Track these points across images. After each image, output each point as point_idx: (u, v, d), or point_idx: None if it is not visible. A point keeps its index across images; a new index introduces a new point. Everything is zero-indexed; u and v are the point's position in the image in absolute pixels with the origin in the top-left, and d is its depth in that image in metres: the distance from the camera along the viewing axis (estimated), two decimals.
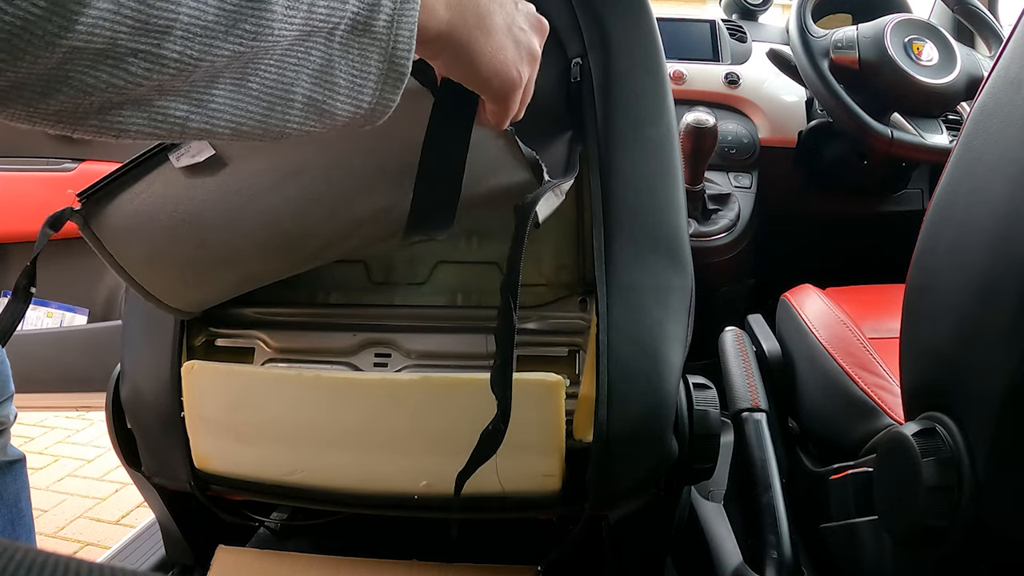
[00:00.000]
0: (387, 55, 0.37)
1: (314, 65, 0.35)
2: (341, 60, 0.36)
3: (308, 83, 0.35)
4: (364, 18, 0.35)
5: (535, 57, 0.48)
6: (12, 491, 0.93)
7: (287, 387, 0.68)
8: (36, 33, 0.25)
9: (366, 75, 0.37)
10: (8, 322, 0.66)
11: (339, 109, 0.37)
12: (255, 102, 0.34)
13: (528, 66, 0.47)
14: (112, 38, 0.27)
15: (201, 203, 0.61)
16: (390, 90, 0.38)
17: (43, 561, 0.18)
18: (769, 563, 0.70)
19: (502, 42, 0.44)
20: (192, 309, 0.71)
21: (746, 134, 1.38)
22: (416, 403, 0.66)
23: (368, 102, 0.38)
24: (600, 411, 0.63)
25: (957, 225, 0.55)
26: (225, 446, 0.71)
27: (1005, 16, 1.52)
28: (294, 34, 0.33)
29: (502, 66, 0.45)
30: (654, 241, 0.67)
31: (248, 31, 0.31)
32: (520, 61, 0.46)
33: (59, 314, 1.32)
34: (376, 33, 0.36)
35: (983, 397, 0.50)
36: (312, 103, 0.36)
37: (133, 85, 0.29)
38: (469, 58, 0.43)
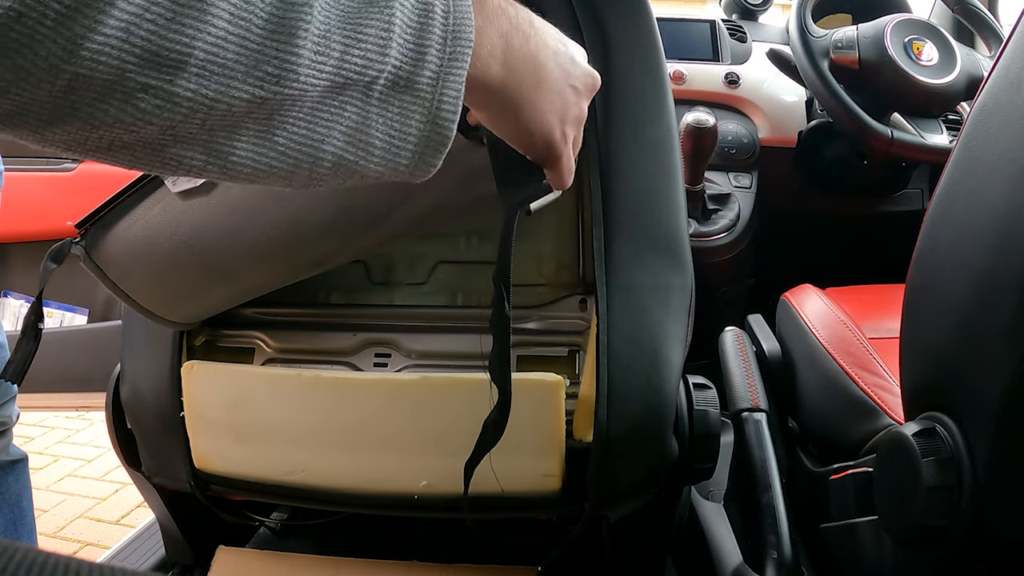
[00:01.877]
0: (430, 116, 0.34)
1: (348, 122, 0.32)
2: (379, 118, 0.33)
3: (340, 141, 0.32)
4: (407, 73, 0.32)
5: (582, 120, 0.44)
6: (14, 491, 0.93)
7: (287, 387, 0.68)
8: (40, 54, 0.24)
9: (405, 136, 0.34)
10: (21, 362, 0.66)
11: (371, 170, 0.34)
12: (280, 158, 0.31)
13: (574, 127, 0.44)
14: (120, 68, 0.25)
15: (200, 224, 0.61)
16: (431, 154, 0.35)
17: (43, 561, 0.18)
18: (769, 563, 0.70)
19: (552, 101, 0.41)
20: (192, 321, 0.71)
21: (746, 134, 1.38)
22: (416, 403, 0.66)
23: (406, 166, 0.35)
24: (600, 411, 0.63)
25: (957, 225, 0.55)
26: (225, 446, 0.71)
27: (1005, 16, 1.52)
28: (324, 84, 0.30)
29: (548, 128, 0.41)
30: (654, 241, 0.67)
31: (270, 74, 0.28)
32: (566, 122, 0.43)
33: (59, 314, 1.32)
34: (419, 91, 0.33)
35: (983, 397, 0.50)
36: (342, 163, 0.33)
37: (143, 123, 0.27)
38: (516, 115, 0.40)
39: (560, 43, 0.42)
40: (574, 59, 0.42)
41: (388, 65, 0.31)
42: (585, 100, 0.44)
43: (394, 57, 0.32)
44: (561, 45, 0.42)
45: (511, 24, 0.37)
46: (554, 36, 0.42)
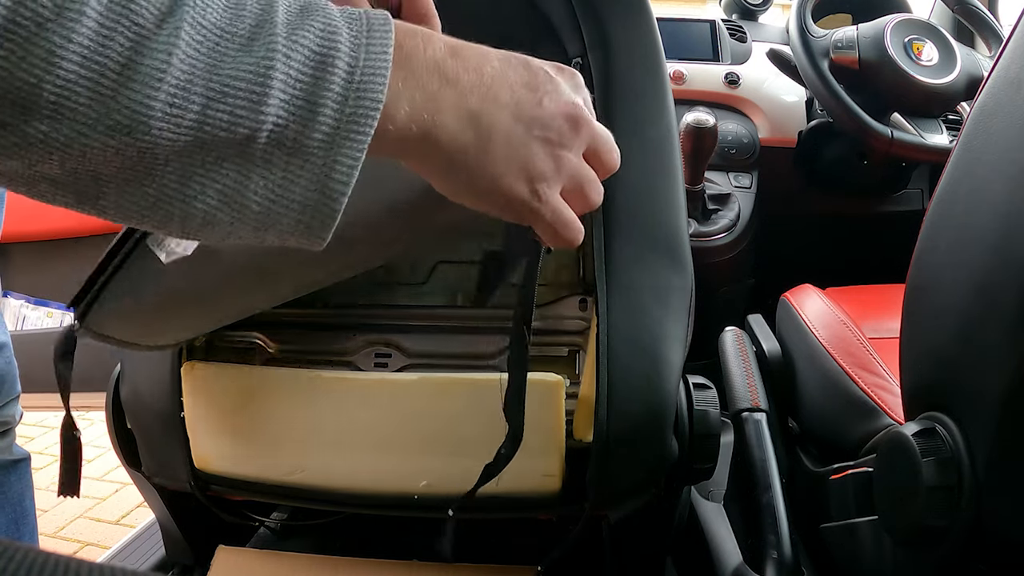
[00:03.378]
0: (319, 183, 0.30)
1: (225, 180, 0.29)
2: (260, 180, 0.29)
3: (214, 200, 0.29)
4: (293, 133, 0.29)
5: (564, 170, 0.36)
6: (16, 490, 0.93)
7: (287, 387, 0.68)
8: None
9: (288, 203, 0.30)
10: (69, 473, 0.67)
11: (250, 235, 0.31)
12: (149, 209, 0.29)
13: (552, 181, 0.36)
14: None
15: (193, 275, 0.59)
16: (318, 226, 0.31)
17: (43, 561, 0.18)
18: (769, 563, 0.70)
19: (508, 160, 0.34)
20: (187, 339, 0.71)
21: (746, 134, 1.38)
22: (416, 403, 0.66)
23: (289, 233, 0.31)
24: (600, 411, 0.63)
25: (957, 225, 0.55)
26: (225, 446, 0.71)
27: (1005, 16, 1.52)
28: (186, 139, 0.27)
29: (505, 189, 0.35)
30: (654, 241, 0.67)
31: (122, 124, 0.26)
32: (535, 179, 0.35)
33: (59, 314, 1.32)
34: (308, 154, 0.29)
35: (983, 397, 0.50)
36: (215, 222, 0.30)
37: (4, 156, 0.26)
38: (460, 177, 0.34)
39: (524, 88, 0.35)
40: (541, 103, 0.35)
41: (266, 122, 0.28)
42: (569, 144, 0.36)
43: (273, 114, 0.28)
44: (525, 90, 0.35)
45: (445, 79, 0.32)
46: (513, 83, 0.35)
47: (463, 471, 0.66)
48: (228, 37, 0.28)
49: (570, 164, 0.37)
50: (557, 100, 0.36)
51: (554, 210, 0.37)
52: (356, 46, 0.30)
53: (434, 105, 0.32)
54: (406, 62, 0.31)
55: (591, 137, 0.38)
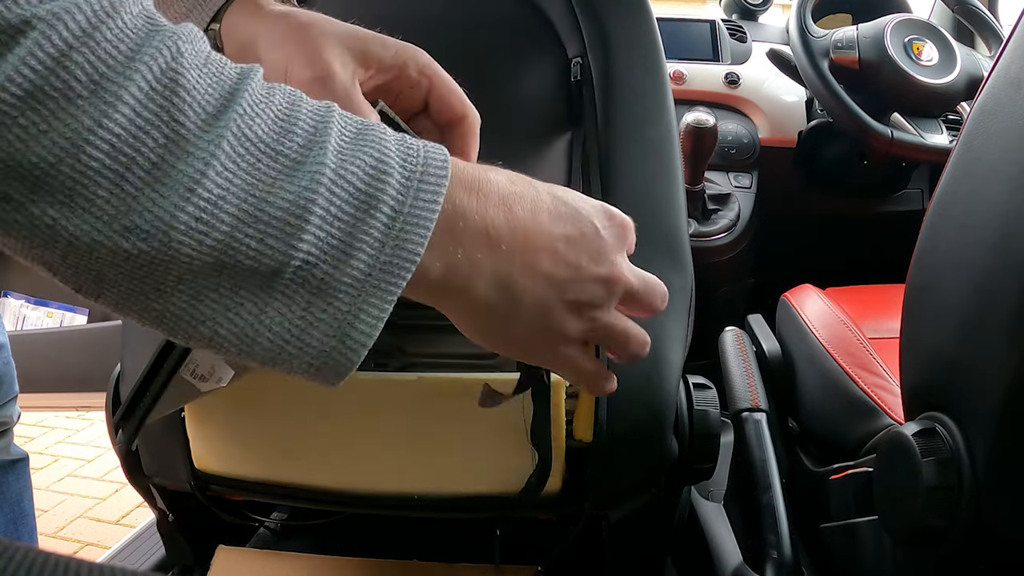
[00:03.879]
0: (339, 332, 0.27)
1: (241, 311, 0.26)
2: (277, 315, 0.27)
3: (224, 328, 0.27)
4: (323, 273, 0.26)
5: (597, 332, 0.36)
6: (15, 490, 0.93)
7: (287, 387, 0.68)
8: None
9: (303, 346, 0.27)
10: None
11: (256, 366, 0.28)
12: (154, 320, 0.27)
13: (577, 340, 0.35)
14: None
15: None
16: (330, 374, 0.29)
17: (43, 561, 0.18)
18: (769, 563, 0.70)
19: (530, 332, 0.34)
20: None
21: (746, 134, 1.38)
22: (416, 403, 0.66)
23: (300, 373, 0.29)
24: (600, 411, 0.63)
25: (957, 225, 0.55)
26: (225, 446, 0.71)
27: (1005, 16, 1.52)
28: (207, 259, 0.25)
29: (529, 354, 0.35)
30: (654, 241, 0.67)
31: (140, 228, 0.24)
32: (558, 343, 0.35)
33: (59, 314, 1.32)
34: (334, 297, 0.27)
35: (983, 397, 0.50)
36: (221, 348, 0.27)
37: (3, 232, 0.24)
38: (483, 331, 0.34)
39: (566, 244, 0.33)
40: (580, 266, 0.34)
41: (296, 257, 0.26)
42: (601, 304, 0.35)
43: (305, 250, 0.26)
44: (566, 247, 0.33)
45: (489, 244, 0.31)
46: (556, 241, 0.33)
47: (463, 471, 0.66)
48: (272, 156, 0.25)
49: (601, 322, 0.36)
50: (598, 261, 0.35)
51: (577, 367, 0.37)
52: (406, 189, 0.27)
53: (471, 269, 0.31)
54: (454, 219, 0.30)
55: (627, 292, 0.36)
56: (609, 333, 0.37)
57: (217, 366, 0.59)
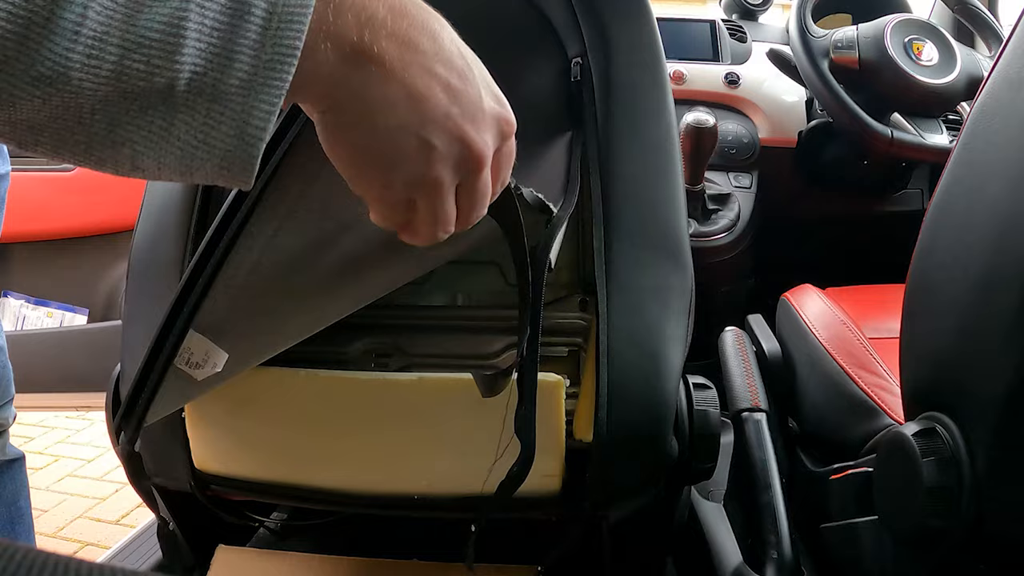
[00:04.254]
0: (238, 130, 0.30)
1: (151, 127, 0.30)
2: (183, 126, 0.30)
3: (140, 146, 0.30)
4: (212, 80, 0.29)
5: (425, 186, 0.37)
6: (11, 490, 0.93)
7: (286, 387, 0.68)
8: None
9: (209, 148, 0.31)
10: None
11: (174, 178, 0.32)
12: (83, 155, 0.30)
13: (406, 189, 0.36)
14: None
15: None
16: (239, 171, 0.31)
17: (43, 561, 0.18)
18: (769, 563, 0.70)
19: (385, 144, 0.35)
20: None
21: (746, 134, 1.38)
22: (416, 403, 0.66)
23: (212, 178, 0.32)
24: (600, 411, 0.63)
25: (957, 225, 0.55)
26: (225, 446, 0.71)
27: (1005, 16, 1.52)
28: (107, 88, 0.28)
29: (367, 169, 0.36)
30: (654, 241, 0.67)
31: (45, 76, 0.27)
32: (397, 177, 0.36)
33: (59, 314, 1.32)
34: (227, 100, 0.30)
35: (983, 397, 0.50)
36: (141, 167, 0.31)
37: None
38: (332, 141, 0.35)
39: (444, 85, 0.35)
40: (448, 115, 0.35)
41: (183, 71, 0.29)
42: (442, 167, 0.36)
43: (189, 63, 0.29)
44: (440, 89, 0.35)
45: (361, 43, 0.32)
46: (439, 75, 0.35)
47: (463, 471, 0.66)
48: None
49: (432, 182, 0.37)
50: (473, 124, 0.36)
51: (390, 210, 0.38)
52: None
53: (346, 70, 0.32)
54: (331, 15, 0.31)
55: (473, 178, 0.38)
56: (432, 199, 0.37)
57: (211, 352, 0.59)
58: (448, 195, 0.38)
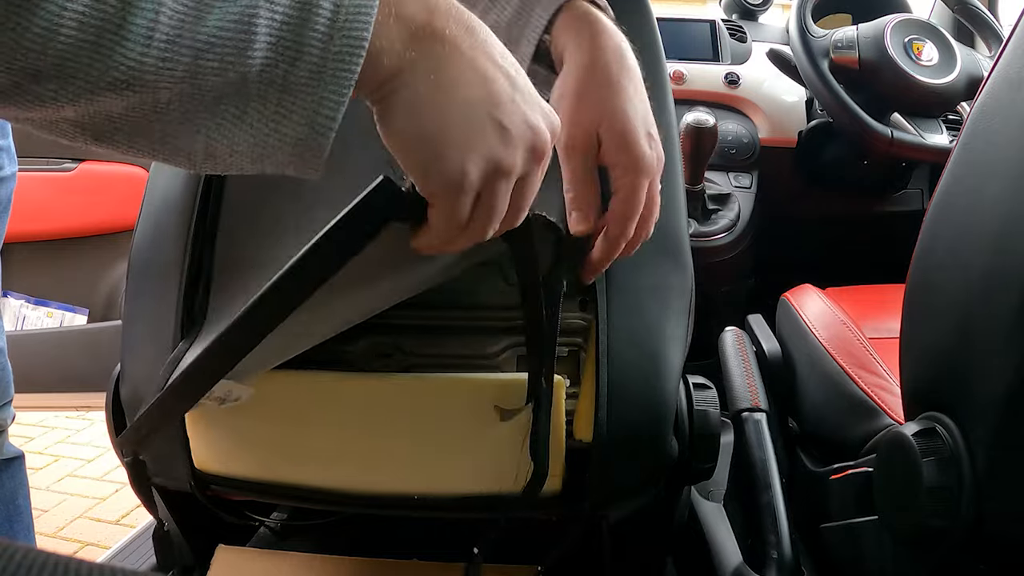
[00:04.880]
0: (308, 119, 0.31)
1: (224, 116, 0.31)
2: (256, 115, 0.31)
3: (215, 135, 0.31)
4: (283, 71, 0.30)
5: (503, 171, 0.36)
6: (9, 488, 0.93)
7: (287, 387, 0.68)
8: None
9: (282, 138, 0.32)
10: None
11: (246, 168, 0.33)
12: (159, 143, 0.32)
13: (489, 174, 0.36)
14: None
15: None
16: (310, 158, 0.32)
17: (43, 561, 0.18)
18: (769, 563, 0.70)
19: (459, 119, 0.34)
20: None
21: (746, 134, 1.38)
22: (416, 403, 0.66)
23: (285, 166, 0.33)
24: (600, 411, 0.63)
25: (957, 225, 0.55)
26: (225, 446, 0.71)
27: (1005, 16, 1.52)
28: (182, 86, 0.29)
29: (445, 147, 0.34)
30: (654, 241, 0.67)
31: (121, 80, 0.28)
32: (475, 158, 0.35)
33: (59, 314, 1.32)
34: (297, 90, 0.31)
35: (983, 397, 0.50)
36: (214, 155, 0.32)
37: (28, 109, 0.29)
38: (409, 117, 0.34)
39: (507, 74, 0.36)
40: (515, 99, 0.36)
41: (254, 65, 0.30)
42: (518, 151, 0.36)
43: (260, 57, 0.30)
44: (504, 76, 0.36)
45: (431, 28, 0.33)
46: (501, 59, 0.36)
47: (463, 471, 0.66)
48: None
49: (512, 169, 0.36)
50: (533, 110, 0.37)
51: (464, 204, 0.36)
52: None
53: (417, 55, 0.33)
54: (399, 7, 0.32)
55: (534, 171, 0.38)
56: (499, 189, 0.37)
57: (233, 389, 0.58)
58: (512, 185, 0.38)
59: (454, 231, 0.38)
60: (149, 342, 0.72)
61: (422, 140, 0.34)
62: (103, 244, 1.31)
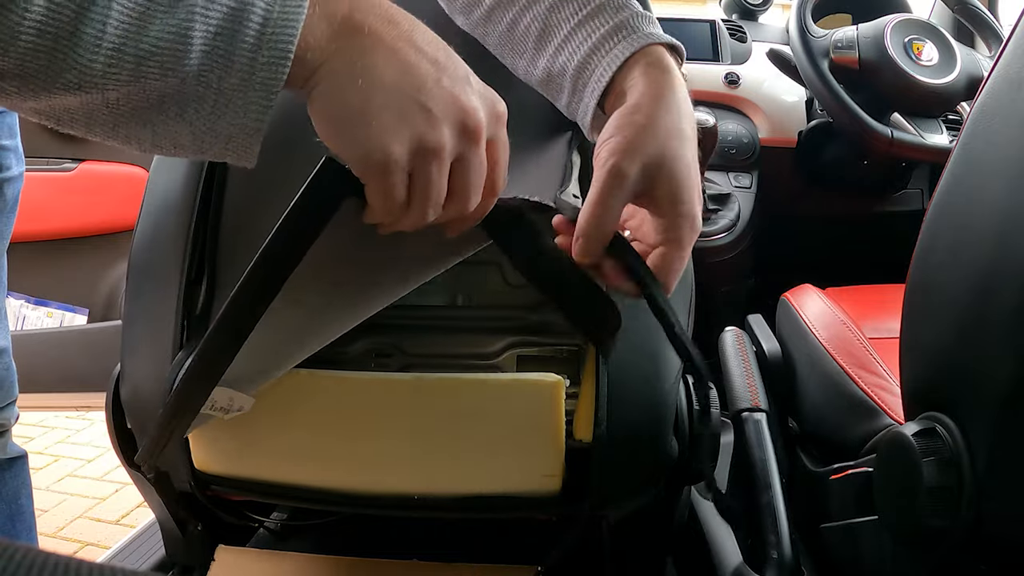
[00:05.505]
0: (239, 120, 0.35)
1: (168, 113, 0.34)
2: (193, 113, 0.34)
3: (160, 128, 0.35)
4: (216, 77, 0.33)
5: (431, 151, 0.37)
6: (12, 487, 0.93)
7: (287, 387, 0.68)
8: None
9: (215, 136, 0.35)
10: None
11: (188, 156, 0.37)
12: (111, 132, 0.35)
13: (417, 155, 0.37)
14: None
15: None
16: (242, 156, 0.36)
17: (43, 561, 0.18)
18: (769, 563, 0.70)
19: (381, 103, 0.36)
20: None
21: (746, 134, 1.38)
22: (416, 403, 0.66)
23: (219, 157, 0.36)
24: (600, 411, 0.63)
25: (957, 225, 0.55)
26: (225, 446, 0.71)
27: (1005, 16, 1.52)
28: (128, 88, 0.33)
29: (367, 133, 0.36)
30: None
31: (73, 83, 0.32)
32: (398, 139, 0.36)
33: (59, 314, 1.32)
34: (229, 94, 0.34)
35: (983, 397, 0.50)
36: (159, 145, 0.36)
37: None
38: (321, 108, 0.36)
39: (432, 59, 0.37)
40: (440, 82, 0.37)
41: (191, 71, 0.33)
42: (443, 130, 0.37)
43: (196, 64, 0.33)
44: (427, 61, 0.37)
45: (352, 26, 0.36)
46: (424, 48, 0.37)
47: (463, 471, 0.66)
48: (156, 2, 0.32)
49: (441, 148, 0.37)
50: (463, 92, 0.38)
51: (397, 183, 0.37)
52: (272, 1, 0.33)
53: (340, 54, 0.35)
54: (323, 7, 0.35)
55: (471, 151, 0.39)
56: (430, 168, 0.38)
57: (235, 398, 0.59)
58: (446, 165, 0.38)
59: (393, 209, 0.39)
60: (149, 342, 0.72)
61: (345, 123, 0.36)
62: (103, 244, 1.31)
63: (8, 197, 0.91)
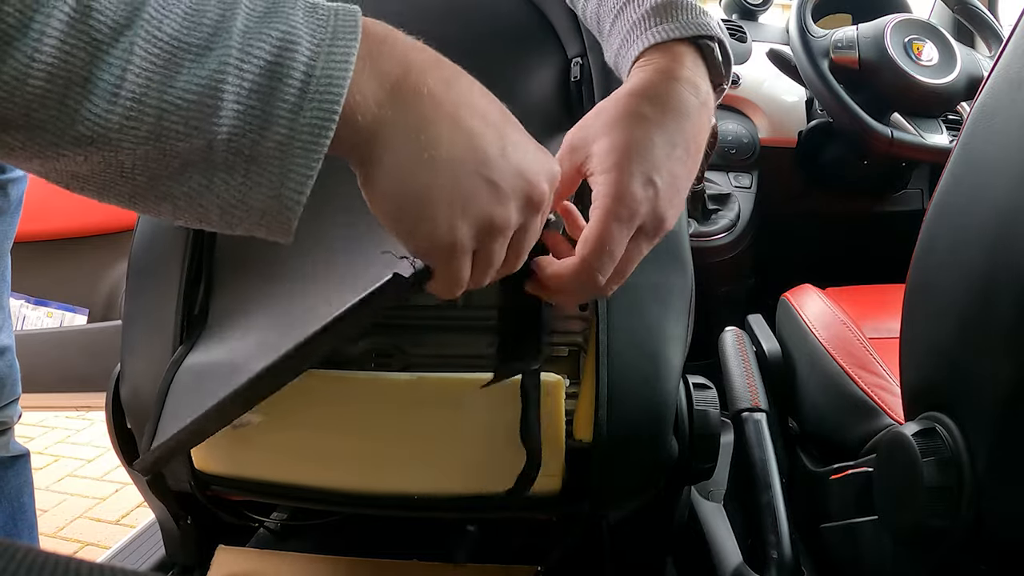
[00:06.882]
0: (275, 191, 0.30)
1: (191, 184, 0.30)
2: (223, 185, 0.30)
3: (181, 201, 0.30)
4: (250, 141, 0.29)
5: (497, 228, 0.35)
6: (14, 486, 0.93)
7: (286, 387, 0.68)
8: None
9: (247, 207, 0.31)
10: None
11: (215, 228, 0.32)
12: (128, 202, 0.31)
13: (481, 232, 0.34)
14: None
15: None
16: (277, 229, 0.31)
17: (43, 561, 0.18)
18: (769, 563, 0.70)
19: (446, 181, 0.32)
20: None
21: (746, 134, 1.38)
22: (416, 403, 0.66)
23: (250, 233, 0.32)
24: (600, 411, 0.63)
25: (957, 225, 0.55)
26: (225, 446, 0.71)
27: (1005, 16, 1.52)
28: (146, 147, 0.28)
29: (431, 212, 0.33)
30: None
31: (85, 136, 0.28)
32: (466, 217, 0.33)
33: (59, 314, 1.32)
34: (264, 161, 0.29)
35: (983, 397, 0.50)
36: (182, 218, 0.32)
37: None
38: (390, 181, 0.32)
39: (494, 125, 0.34)
40: (505, 152, 0.34)
41: (220, 132, 0.28)
42: (511, 206, 0.35)
43: (227, 124, 0.28)
44: (490, 128, 0.34)
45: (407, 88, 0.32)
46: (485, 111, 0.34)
47: (463, 471, 0.66)
48: (184, 48, 0.28)
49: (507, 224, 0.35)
50: (525, 163, 0.35)
51: (463, 266, 0.35)
52: (315, 55, 0.29)
53: (394, 118, 0.32)
54: (374, 64, 0.31)
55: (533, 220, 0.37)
56: (495, 243, 0.36)
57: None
58: (508, 238, 0.37)
59: (456, 286, 0.37)
60: (149, 342, 0.72)
61: (408, 205, 0.33)
62: (103, 244, 1.30)
63: (12, 198, 0.91)
